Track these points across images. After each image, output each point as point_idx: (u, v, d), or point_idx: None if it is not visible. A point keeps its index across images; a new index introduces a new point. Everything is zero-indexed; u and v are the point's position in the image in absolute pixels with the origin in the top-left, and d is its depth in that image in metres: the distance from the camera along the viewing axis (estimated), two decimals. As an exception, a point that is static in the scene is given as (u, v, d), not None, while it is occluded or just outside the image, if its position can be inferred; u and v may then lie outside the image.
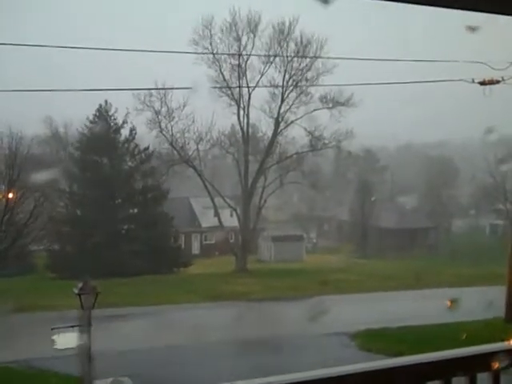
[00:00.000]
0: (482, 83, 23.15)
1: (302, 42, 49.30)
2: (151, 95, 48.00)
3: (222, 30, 48.57)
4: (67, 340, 20.03)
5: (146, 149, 50.27)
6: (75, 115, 51.99)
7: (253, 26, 48.96)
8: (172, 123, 49.39)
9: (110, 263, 41.87)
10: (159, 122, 49.24)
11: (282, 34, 49.33)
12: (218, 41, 48.84)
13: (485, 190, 64.69)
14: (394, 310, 28.77)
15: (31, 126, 54.27)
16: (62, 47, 20.66)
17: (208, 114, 49.19)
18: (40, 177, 43.74)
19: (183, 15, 59.93)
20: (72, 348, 19.14)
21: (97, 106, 49.07)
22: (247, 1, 48.96)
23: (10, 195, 40.72)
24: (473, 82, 23.40)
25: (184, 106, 48.19)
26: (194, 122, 49.28)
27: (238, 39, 49.04)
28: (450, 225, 67.19)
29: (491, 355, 3.04)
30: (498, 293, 25.98)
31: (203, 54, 47.28)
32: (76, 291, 16.59)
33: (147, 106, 48.23)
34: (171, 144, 49.81)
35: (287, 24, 49.17)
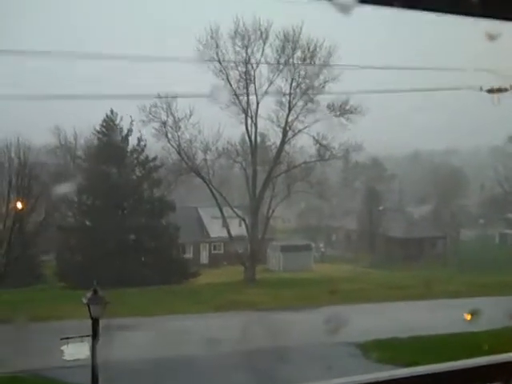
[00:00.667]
0: (491, 91, 23.11)
1: (309, 49, 49.34)
2: (156, 105, 48.08)
3: (231, 38, 48.65)
4: (76, 350, 20.03)
5: (154, 158, 50.39)
6: (82, 125, 52.37)
7: (259, 34, 49.03)
8: (179, 133, 49.47)
9: (119, 273, 41.89)
10: (166, 132, 49.34)
11: (290, 41, 49.40)
12: (224, 50, 48.95)
13: (494, 199, 64.55)
14: (403, 319, 28.65)
15: (39, 135, 54.66)
16: (69, 54, 20.72)
17: (215, 124, 49.30)
18: (49, 187, 43.97)
19: (189, 24, 60.32)
20: (81, 358, 19.17)
21: (103, 116, 49.34)
22: (253, 9, 49.09)
23: (19, 205, 40.84)
24: (481, 90, 23.36)
25: (191, 116, 48.28)
26: (201, 131, 49.36)
27: (245, 47, 49.13)
28: (458, 234, 66.95)
29: (504, 365, 3.02)
30: (509, 302, 25.81)
31: (210, 61, 47.31)
32: (85, 301, 16.58)
33: (153, 116, 48.35)
34: (179, 153, 49.85)
35: (294, 32, 49.27)
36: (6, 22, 47.39)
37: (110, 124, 49.76)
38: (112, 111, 49.13)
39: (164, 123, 48.89)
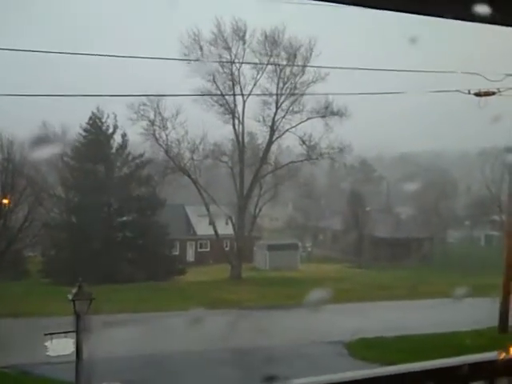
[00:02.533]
0: (478, 94, 23.17)
1: (292, 47, 49.37)
2: (145, 104, 48.00)
3: (214, 39, 48.54)
4: (60, 346, 19.93)
5: (141, 155, 50.30)
6: (69, 121, 52.14)
7: (241, 35, 48.98)
8: (166, 132, 49.48)
9: (105, 270, 41.77)
10: (153, 131, 49.32)
11: (272, 41, 49.40)
12: (208, 53, 48.84)
13: (480, 201, 64.88)
14: (388, 319, 28.74)
15: (25, 131, 54.32)
16: (57, 53, 20.59)
17: (202, 123, 49.30)
18: (34, 183, 43.70)
19: (174, 25, 60.32)
20: (65, 354, 19.07)
21: (89, 114, 49.22)
22: (233, 10, 49.21)
23: (4, 201, 40.55)
24: (469, 93, 23.42)
25: (177, 115, 48.31)
26: (187, 131, 49.41)
27: (228, 48, 49.07)
28: (445, 235, 67.27)
29: (484, 364, 3.03)
30: (493, 303, 25.97)
31: (193, 60, 47.14)
32: (70, 297, 16.50)
33: (141, 115, 48.29)
34: (166, 152, 49.81)
35: (276, 32, 49.33)
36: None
37: (96, 122, 49.66)
38: (98, 109, 49.12)
39: (152, 122, 48.88)
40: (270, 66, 49.50)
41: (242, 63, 48.67)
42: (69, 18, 65.20)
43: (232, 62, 48.80)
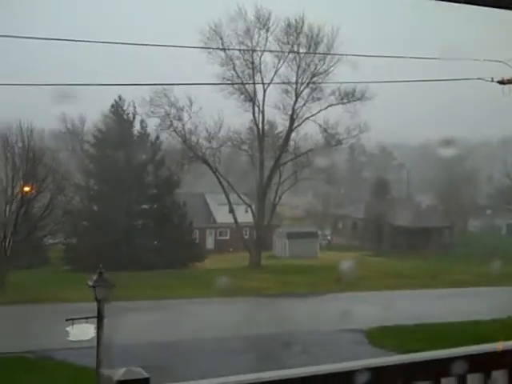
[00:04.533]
0: (501, 82, 22.79)
1: (313, 36, 49.07)
2: (164, 93, 47.93)
3: (235, 27, 48.38)
4: (81, 331, 20.14)
5: (158, 138, 50.42)
6: (90, 110, 52.45)
7: (263, 22, 48.75)
8: (185, 121, 49.49)
9: (125, 257, 42.08)
10: (171, 121, 49.38)
11: (294, 28, 49.11)
12: (229, 41, 48.66)
13: (502, 189, 64.28)
14: (408, 307, 28.61)
15: (47, 120, 54.75)
16: (75, 41, 20.64)
17: (222, 112, 49.30)
18: (56, 171, 43.98)
19: (194, 14, 60.33)
20: (86, 339, 19.28)
21: (111, 102, 49.46)
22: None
23: (26, 188, 40.85)
24: (492, 80, 23.04)
25: (191, 104, 48.21)
26: (207, 119, 49.42)
27: (250, 36, 48.88)
28: (466, 224, 66.77)
29: (505, 353, 3.01)
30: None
31: (214, 49, 47.04)
32: (91, 283, 16.63)
33: (158, 105, 48.32)
34: (184, 142, 49.87)
35: (299, 19, 49.05)
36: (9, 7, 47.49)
37: (117, 110, 49.89)
38: (120, 97, 49.33)
39: (168, 112, 48.95)
40: (291, 56, 49.27)
41: (264, 51, 48.45)
42: (87, 6, 65.39)
43: (253, 50, 48.60)
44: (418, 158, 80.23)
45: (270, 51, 48.62)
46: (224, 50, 47.96)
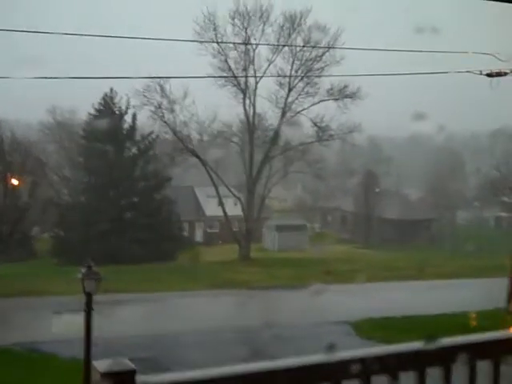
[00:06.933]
0: (490, 75, 22.81)
1: (311, 32, 48.96)
2: (157, 88, 47.65)
3: (231, 18, 48.17)
4: (69, 324, 20.10)
5: (150, 134, 50.26)
6: (80, 103, 52.19)
7: (260, 15, 48.61)
8: (176, 113, 49.24)
9: (113, 250, 42.01)
10: (162, 113, 49.09)
11: (292, 23, 48.97)
12: (223, 31, 48.48)
13: (490, 182, 64.60)
14: (396, 300, 28.76)
15: (36, 113, 54.45)
16: (67, 34, 20.46)
17: (213, 104, 49.10)
18: (44, 164, 43.82)
19: (188, 5, 59.92)
20: (74, 332, 19.22)
21: (101, 94, 49.21)
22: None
23: (14, 181, 40.67)
24: (480, 73, 23.06)
25: (185, 97, 48.00)
26: (198, 111, 49.21)
27: (244, 28, 48.67)
28: (454, 216, 67.12)
29: (492, 344, 3.04)
30: (501, 284, 25.93)
31: (208, 42, 46.83)
32: (79, 276, 16.61)
33: (148, 98, 47.99)
34: (175, 134, 49.66)
35: (297, 14, 48.91)
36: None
37: (108, 102, 49.62)
38: (111, 90, 49.11)
39: (160, 104, 48.68)
40: (286, 49, 49.12)
41: (258, 44, 48.26)
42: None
43: (246, 44, 48.34)
44: (406, 151, 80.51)
45: (264, 44, 48.43)
46: (217, 43, 47.73)
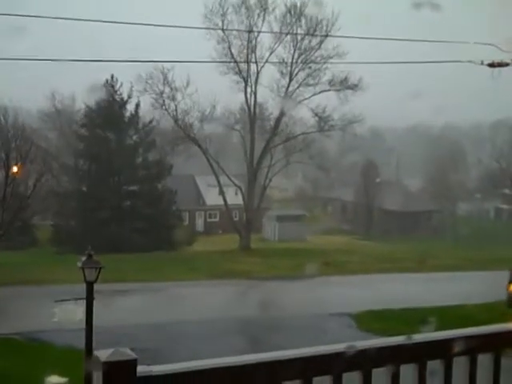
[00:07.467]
0: (491, 65, 22.66)
1: (312, 20, 48.72)
2: (160, 76, 47.44)
3: (234, 7, 47.99)
4: (70, 313, 20.11)
5: (151, 121, 50.09)
6: (81, 89, 51.93)
7: (264, 3, 48.43)
8: (177, 101, 49.04)
9: (114, 239, 41.97)
10: (163, 100, 48.87)
11: (294, 12, 48.76)
12: (229, 18, 48.30)
13: (491, 174, 64.61)
14: (397, 291, 28.75)
15: (36, 100, 54.22)
16: (69, 19, 20.36)
17: (214, 92, 48.90)
18: (44, 151, 43.67)
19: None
20: (74, 321, 19.23)
21: (103, 81, 48.92)
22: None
23: (14, 168, 40.50)
24: (482, 63, 22.90)
25: (188, 84, 47.81)
26: (199, 99, 49.01)
27: (249, 16, 48.52)
28: (455, 208, 67.15)
29: (491, 336, 3.03)
30: (502, 277, 25.91)
31: (213, 29, 46.59)
32: (80, 265, 16.57)
33: (150, 85, 47.79)
34: (176, 122, 49.51)
35: (299, 3, 48.71)
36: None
37: (109, 89, 49.33)
38: (112, 76, 48.81)
39: (161, 93, 48.50)
40: (288, 39, 48.94)
41: (260, 32, 48.11)
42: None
43: (249, 32, 48.16)
44: (407, 142, 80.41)
45: (266, 32, 48.22)
46: (223, 30, 47.51)
